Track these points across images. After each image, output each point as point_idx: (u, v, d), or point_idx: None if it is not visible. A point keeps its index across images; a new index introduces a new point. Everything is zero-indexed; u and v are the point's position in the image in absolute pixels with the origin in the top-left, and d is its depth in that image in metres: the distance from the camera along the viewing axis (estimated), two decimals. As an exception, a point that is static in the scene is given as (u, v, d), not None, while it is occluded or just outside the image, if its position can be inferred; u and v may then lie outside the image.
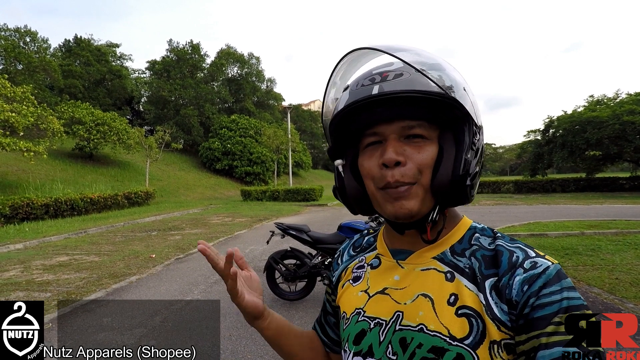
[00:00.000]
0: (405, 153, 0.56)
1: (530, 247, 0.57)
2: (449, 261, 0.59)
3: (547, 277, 0.52)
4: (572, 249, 6.62)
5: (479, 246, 0.59)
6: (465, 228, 0.63)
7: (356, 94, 0.57)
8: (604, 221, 9.84)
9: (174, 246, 8.15)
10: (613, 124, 21.02)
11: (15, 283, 5.50)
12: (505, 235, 0.60)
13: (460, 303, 0.55)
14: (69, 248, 8.20)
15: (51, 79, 28.21)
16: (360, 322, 0.63)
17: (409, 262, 0.63)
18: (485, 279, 0.55)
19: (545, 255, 0.55)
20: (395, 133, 0.57)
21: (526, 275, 0.53)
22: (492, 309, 0.53)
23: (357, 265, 0.71)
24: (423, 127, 0.56)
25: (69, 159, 22.22)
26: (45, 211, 12.39)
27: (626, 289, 4.50)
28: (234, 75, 42.09)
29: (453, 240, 0.61)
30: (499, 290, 0.54)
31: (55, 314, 4.22)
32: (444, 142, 0.57)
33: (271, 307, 4.18)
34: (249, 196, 22.19)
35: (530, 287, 0.52)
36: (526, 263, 0.54)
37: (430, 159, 0.56)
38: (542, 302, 0.51)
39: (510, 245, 0.57)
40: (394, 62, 0.57)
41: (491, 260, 0.57)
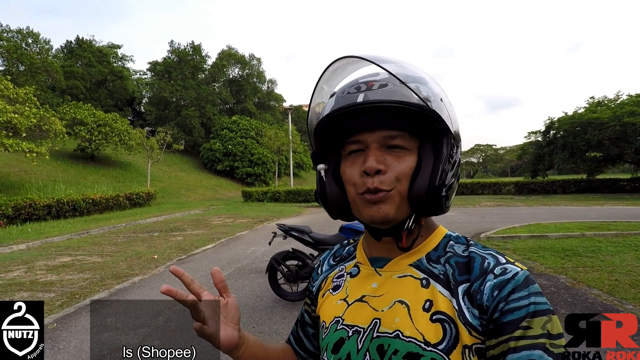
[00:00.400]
0: (385, 162, 0.58)
1: (502, 254, 0.59)
2: (425, 268, 0.61)
3: (515, 282, 0.53)
4: (572, 251, 6.65)
5: (453, 253, 0.61)
6: (441, 236, 0.65)
7: (342, 100, 0.59)
8: (604, 223, 9.85)
9: (175, 247, 8.19)
10: (614, 126, 21.03)
11: (19, 283, 5.55)
12: (478, 243, 0.63)
13: (434, 309, 0.56)
14: (71, 249, 8.25)
15: (53, 80, 28.31)
16: (338, 331, 0.64)
17: (387, 269, 0.64)
18: (459, 285, 0.57)
19: (515, 261, 0.57)
20: (377, 142, 0.58)
21: (496, 280, 0.54)
22: (465, 314, 0.54)
23: (337, 275, 0.72)
24: (404, 137, 0.58)
25: (70, 159, 22.31)
26: (47, 212, 12.45)
27: (626, 290, 4.53)
28: (235, 76, 42.19)
29: (429, 248, 0.63)
30: (471, 295, 0.55)
31: (60, 314, 4.26)
32: (423, 152, 0.59)
33: (273, 307, 4.20)
34: (250, 197, 22.24)
35: (500, 292, 0.53)
36: (497, 269, 0.56)
37: (409, 169, 0.58)
38: (510, 307, 0.52)
39: (482, 252, 0.59)
40: (380, 73, 0.59)
41: (464, 267, 0.58)
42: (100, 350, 3.38)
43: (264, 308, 4.36)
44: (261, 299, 4.69)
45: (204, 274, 5.92)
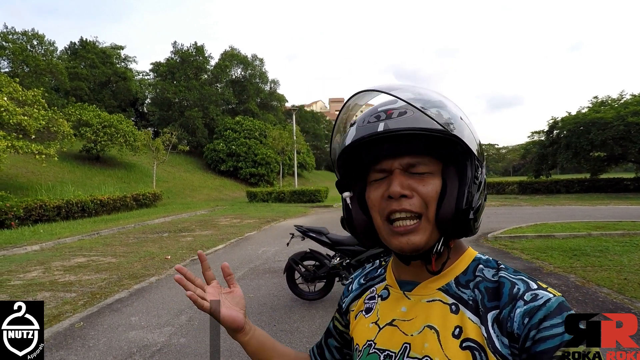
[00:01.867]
0: (411, 186, 0.58)
1: (533, 280, 0.57)
2: (454, 293, 0.60)
3: (547, 309, 0.51)
4: (580, 250, 6.74)
5: (482, 278, 0.60)
6: (470, 259, 0.63)
7: (363, 130, 0.59)
8: (610, 222, 9.94)
9: (187, 247, 8.31)
10: (617, 125, 21.09)
11: (39, 284, 5.67)
12: (509, 267, 0.61)
13: (464, 336, 0.55)
14: (84, 249, 8.38)
15: (57, 82, 28.49)
16: (371, 355, 0.64)
17: (415, 293, 0.64)
18: (488, 312, 0.56)
19: (547, 287, 0.55)
20: (400, 168, 0.59)
21: (527, 307, 0.53)
22: (494, 342, 0.53)
23: (369, 296, 0.72)
24: (427, 163, 0.59)
25: (76, 160, 22.46)
26: (57, 213, 12.59)
27: (635, 289, 4.62)
28: (238, 76, 42.32)
29: (457, 271, 0.62)
30: (500, 322, 0.54)
31: (85, 313, 4.38)
32: (447, 176, 0.58)
33: (291, 306, 4.32)
34: (255, 197, 22.35)
35: (531, 320, 0.51)
36: (527, 295, 0.54)
37: (435, 192, 0.58)
38: (543, 335, 0.50)
39: (512, 277, 0.58)
40: (398, 100, 0.59)
41: (494, 292, 0.57)
42: (129, 347, 3.54)
43: (282, 307, 4.47)
44: (278, 298, 4.80)
45: (218, 274, 5.90)
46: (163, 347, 3.46)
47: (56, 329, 3.93)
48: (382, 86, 0.60)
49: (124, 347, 3.48)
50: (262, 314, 4.24)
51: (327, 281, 4.54)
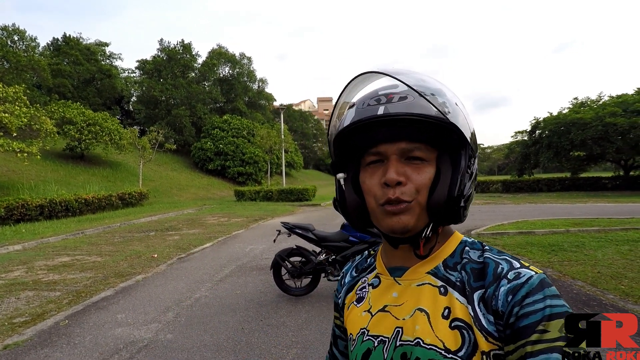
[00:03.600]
0: (405, 173, 0.59)
1: (516, 259, 0.59)
2: (442, 275, 0.61)
3: (530, 286, 0.53)
4: (558, 246, 6.99)
5: (468, 259, 0.61)
6: (457, 242, 0.65)
7: (362, 112, 0.60)
8: (587, 219, 10.30)
9: (174, 246, 8.29)
10: (596, 126, 21.75)
11: (22, 283, 5.60)
12: (493, 248, 0.63)
13: (453, 316, 0.57)
14: (68, 249, 8.27)
15: (39, 78, 27.80)
16: (365, 342, 0.65)
17: (405, 278, 0.64)
18: (474, 291, 0.57)
19: (529, 265, 0.57)
20: (397, 153, 0.59)
21: (510, 285, 0.54)
22: (480, 320, 0.55)
23: (360, 287, 0.73)
24: (422, 149, 0.59)
25: (59, 159, 21.98)
26: (40, 212, 12.35)
27: (607, 281, 4.85)
28: (226, 75, 42.02)
29: (445, 255, 0.63)
30: (486, 301, 0.55)
31: (70, 312, 4.37)
32: (441, 164, 0.59)
33: (278, 302, 4.43)
34: (243, 196, 22.27)
35: (514, 297, 0.53)
36: (510, 274, 0.55)
37: (428, 180, 0.59)
38: (525, 311, 0.52)
39: (496, 257, 0.59)
40: (399, 85, 0.59)
41: (479, 273, 0.59)
42: (115, 344, 3.61)
43: (269, 303, 4.54)
44: (265, 294, 4.87)
45: (206, 272, 6.06)
46: (150, 343, 3.49)
47: (40, 327, 3.92)
48: (386, 69, 0.60)
49: (110, 344, 3.49)
50: (249, 310, 4.30)
51: (313, 277, 4.62)
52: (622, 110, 21.73)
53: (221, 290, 5.07)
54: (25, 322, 4.07)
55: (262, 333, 3.67)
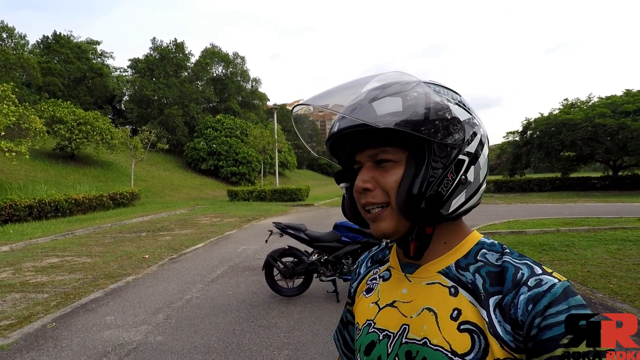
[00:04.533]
0: (374, 178, 0.59)
1: (539, 264, 0.56)
2: (453, 276, 0.60)
3: (552, 295, 0.50)
4: (548, 245, 7.06)
5: (485, 262, 0.59)
6: (473, 243, 0.62)
7: (331, 129, 0.63)
8: (577, 219, 10.43)
9: (165, 247, 8.20)
10: (586, 126, 22.05)
11: (9, 285, 5.50)
12: (514, 251, 0.60)
13: (462, 318, 0.55)
14: (57, 250, 8.14)
15: (29, 77, 27.40)
16: (370, 334, 0.65)
17: (416, 275, 0.64)
18: (490, 296, 0.55)
19: (552, 272, 0.54)
20: (369, 159, 0.60)
21: (531, 293, 0.51)
22: (495, 326, 0.52)
23: (371, 277, 0.73)
24: (389, 152, 0.59)
25: (49, 159, 21.67)
26: (28, 212, 12.15)
27: (596, 280, 4.90)
28: (219, 74, 41.81)
29: (459, 255, 0.62)
30: (503, 308, 0.53)
31: (57, 314, 4.29)
32: (408, 164, 0.58)
33: (270, 303, 4.40)
34: (236, 196, 22.17)
35: (535, 307, 0.50)
36: (531, 281, 0.53)
37: (394, 182, 0.58)
38: (548, 322, 0.49)
39: (517, 262, 0.56)
40: (359, 95, 0.60)
41: (497, 277, 0.56)
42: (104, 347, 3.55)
43: (261, 304, 4.51)
44: (257, 295, 4.84)
45: (197, 273, 6.01)
46: (139, 346, 3.44)
47: (27, 330, 3.84)
48: (320, 94, 0.62)
49: (98, 347, 3.44)
50: (241, 311, 4.27)
51: (306, 277, 4.60)
52: (611, 112, 22.07)
53: (213, 291, 5.03)
54: (11, 325, 3.99)
55: (254, 334, 3.64)
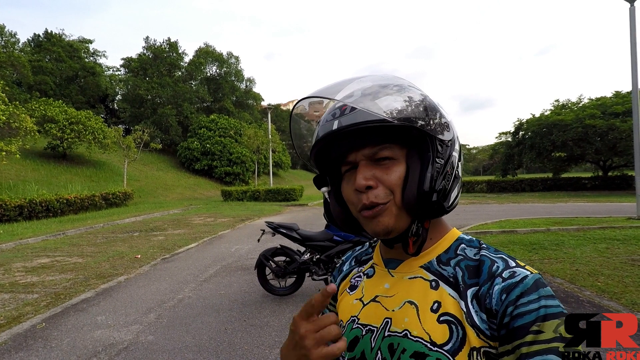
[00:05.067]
0: (375, 176, 0.59)
1: (512, 258, 0.59)
2: (435, 270, 0.62)
3: (524, 286, 0.53)
4: (538, 244, 7.15)
5: (464, 256, 0.61)
6: (453, 239, 0.65)
7: (323, 128, 0.61)
8: (567, 218, 10.57)
9: (158, 247, 8.16)
10: (576, 127, 22.35)
11: (-2, 285, 5.44)
12: (490, 246, 0.63)
13: (442, 310, 0.57)
14: (48, 250, 8.07)
15: (19, 75, 27.03)
16: (354, 330, 0.66)
17: (399, 270, 0.65)
18: (468, 288, 0.57)
19: (525, 265, 0.57)
20: (365, 158, 0.60)
21: (504, 284, 0.54)
22: (472, 316, 0.55)
23: (355, 275, 0.74)
24: (388, 149, 0.59)
25: (40, 158, 21.41)
26: (19, 212, 12.00)
27: (584, 278, 4.98)
28: (213, 74, 41.61)
29: (440, 250, 0.64)
30: (479, 298, 0.55)
31: (47, 314, 4.26)
32: (410, 161, 0.59)
33: (262, 302, 4.40)
34: (230, 196, 22.10)
35: (509, 296, 0.53)
36: (505, 273, 0.55)
37: (399, 179, 0.59)
38: (520, 311, 0.52)
39: (493, 255, 0.59)
40: (354, 93, 0.59)
41: (474, 270, 0.59)
42: (94, 347, 3.55)
43: (253, 303, 4.52)
44: (249, 294, 4.84)
45: (190, 272, 5.99)
46: (130, 345, 3.43)
47: (16, 331, 3.81)
48: (321, 89, 0.62)
49: (88, 347, 3.42)
50: (233, 310, 4.27)
51: (298, 276, 4.62)
52: (601, 113, 22.39)
53: (205, 291, 5.02)
54: (0, 326, 3.96)
55: (245, 333, 3.65)
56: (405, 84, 0.62)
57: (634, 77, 9.95)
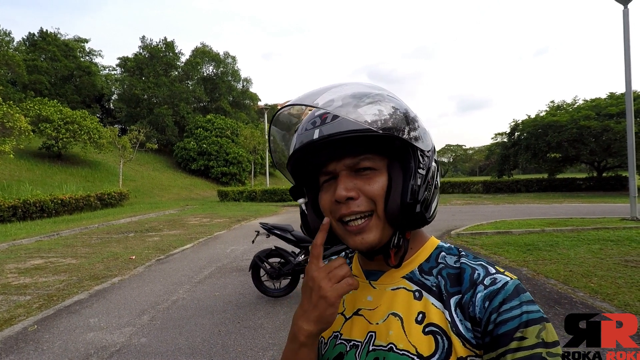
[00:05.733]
0: (356, 186, 0.58)
1: (492, 264, 0.59)
2: (417, 280, 0.61)
3: (506, 292, 0.54)
4: (533, 245, 7.18)
5: (445, 265, 0.61)
6: (432, 247, 0.65)
7: (302, 137, 0.59)
8: (561, 219, 10.61)
9: (153, 247, 8.12)
10: (571, 128, 22.51)
11: (-10, 287, 5.39)
12: (469, 253, 0.63)
13: (427, 321, 0.56)
14: (42, 251, 8.00)
15: (14, 74, 26.86)
16: (337, 346, 0.64)
17: (380, 282, 0.64)
18: (451, 297, 0.57)
19: (504, 271, 0.58)
20: (345, 169, 0.58)
21: (487, 291, 0.54)
22: (457, 325, 0.54)
23: None
24: (370, 159, 0.58)
25: (35, 158, 21.26)
26: (12, 213, 11.91)
27: (578, 279, 5.00)
28: (209, 74, 41.53)
29: (421, 260, 0.63)
30: (463, 307, 0.55)
31: (39, 316, 4.22)
32: (392, 171, 0.58)
33: (256, 304, 4.38)
34: (226, 197, 22.06)
35: (491, 303, 0.53)
36: (486, 280, 0.56)
37: (381, 189, 0.58)
38: (503, 318, 0.52)
39: (472, 263, 0.59)
40: (334, 100, 0.57)
41: (456, 278, 0.58)
42: (86, 349, 3.51)
43: (247, 304, 4.50)
44: (244, 296, 4.83)
45: (185, 274, 5.96)
46: (122, 348, 3.41)
47: (7, 333, 3.77)
48: (300, 97, 0.61)
49: (80, 349, 3.39)
50: (227, 312, 4.26)
51: (292, 278, 4.61)
52: (595, 114, 22.55)
53: (199, 292, 5.00)
54: (-9, 328, 3.92)
55: (239, 335, 3.63)
56: (385, 94, 0.61)
57: (627, 78, 10.03)
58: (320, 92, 0.59)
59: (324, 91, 0.59)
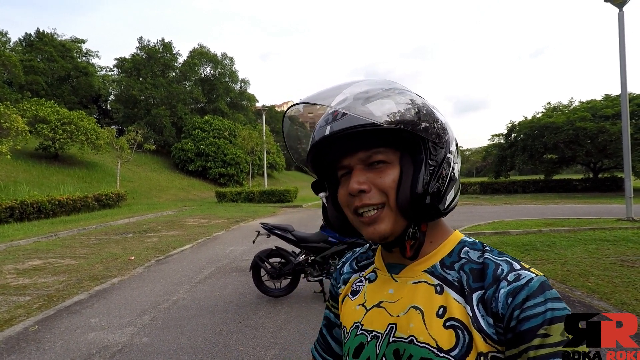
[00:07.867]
0: (369, 180, 0.59)
1: (517, 260, 0.58)
2: (439, 274, 0.61)
3: (530, 289, 0.53)
4: (530, 245, 7.24)
5: (467, 260, 0.61)
6: (455, 242, 0.65)
7: (317, 134, 0.62)
8: (558, 220, 10.71)
9: (152, 248, 8.11)
10: (567, 130, 22.66)
11: (-11, 288, 5.37)
12: (494, 249, 0.62)
13: (448, 315, 0.57)
14: (40, 252, 7.97)
15: (10, 75, 26.69)
16: (358, 336, 0.65)
17: (402, 275, 0.65)
18: (473, 292, 0.57)
19: (530, 267, 0.57)
20: (359, 163, 0.60)
21: (510, 287, 0.54)
22: (479, 321, 0.54)
23: (356, 280, 0.73)
24: (382, 153, 0.59)
25: (31, 159, 21.14)
26: (10, 214, 11.85)
27: (575, 279, 5.06)
28: (207, 75, 41.48)
29: (443, 254, 0.63)
30: (485, 302, 0.55)
31: (40, 316, 4.22)
32: (403, 163, 0.59)
33: (257, 303, 4.41)
34: (224, 197, 22.03)
35: (514, 300, 0.52)
36: (510, 275, 0.55)
37: (392, 182, 0.59)
38: (526, 314, 0.51)
39: (497, 258, 0.59)
40: (346, 97, 0.59)
41: (479, 273, 0.58)
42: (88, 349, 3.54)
43: (248, 304, 4.52)
44: (245, 296, 4.85)
45: (184, 274, 5.97)
46: (124, 347, 3.42)
47: (8, 334, 3.77)
48: (316, 94, 0.62)
49: (82, 349, 3.40)
50: (228, 312, 4.27)
51: (293, 278, 4.63)
52: (591, 115, 22.71)
53: (200, 292, 5.01)
54: (-8, 328, 3.92)
55: (241, 334, 3.65)
56: (398, 87, 0.63)
57: (622, 80, 10.14)
58: (338, 89, 0.61)
59: (341, 88, 0.61)
